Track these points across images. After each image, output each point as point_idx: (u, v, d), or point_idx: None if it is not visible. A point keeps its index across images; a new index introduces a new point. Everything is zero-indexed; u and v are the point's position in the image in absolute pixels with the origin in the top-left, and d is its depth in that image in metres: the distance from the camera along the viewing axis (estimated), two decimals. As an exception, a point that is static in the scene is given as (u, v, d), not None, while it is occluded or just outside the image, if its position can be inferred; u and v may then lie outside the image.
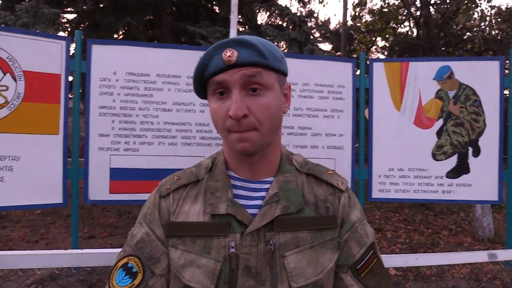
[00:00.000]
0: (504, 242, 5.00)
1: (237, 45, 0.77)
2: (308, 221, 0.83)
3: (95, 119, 2.96)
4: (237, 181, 0.87)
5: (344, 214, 0.88)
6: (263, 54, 0.78)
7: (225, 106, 0.78)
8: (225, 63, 0.76)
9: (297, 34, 5.49)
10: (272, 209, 0.81)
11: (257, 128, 0.77)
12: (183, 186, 0.88)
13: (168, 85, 3.12)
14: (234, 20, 2.91)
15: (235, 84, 0.77)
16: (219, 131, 0.82)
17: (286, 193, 0.84)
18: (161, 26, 6.65)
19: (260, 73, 0.78)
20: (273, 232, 0.80)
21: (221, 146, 3.24)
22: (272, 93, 0.80)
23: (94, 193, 2.95)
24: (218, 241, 0.80)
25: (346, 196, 0.89)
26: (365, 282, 0.85)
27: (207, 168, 0.90)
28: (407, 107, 3.55)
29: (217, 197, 0.83)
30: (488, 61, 3.52)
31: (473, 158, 3.49)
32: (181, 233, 0.83)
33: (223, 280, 0.78)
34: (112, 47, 3.01)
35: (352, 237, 0.87)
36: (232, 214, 0.81)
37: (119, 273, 0.83)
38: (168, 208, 0.86)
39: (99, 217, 5.53)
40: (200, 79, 0.82)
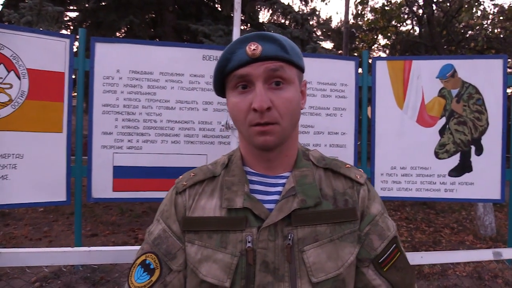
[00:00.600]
0: (506, 241, 5.00)
1: (261, 39, 0.78)
2: (327, 215, 0.82)
3: (98, 117, 2.96)
4: (253, 176, 0.87)
5: (364, 207, 0.87)
6: (286, 49, 0.79)
7: (247, 99, 0.78)
8: (249, 57, 0.77)
9: (300, 32, 5.49)
10: (289, 203, 0.81)
11: (278, 121, 0.78)
12: (199, 182, 0.88)
13: (171, 83, 3.12)
14: (237, 18, 2.91)
15: (258, 77, 0.77)
16: (239, 125, 0.82)
17: (303, 187, 0.83)
18: (164, 24, 6.65)
19: (283, 68, 0.79)
20: (291, 227, 0.80)
21: (223, 144, 3.25)
22: (293, 88, 0.81)
23: (97, 191, 2.96)
24: (235, 236, 0.80)
25: (365, 189, 0.89)
26: (388, 277, 0.84)
27: (224, 164, 0.90)
28: (410, 105, 3.54)
29: (234, 192, 0.83)
30: (491, 60, 3.51)
31: (476, 157, 3.48)
32: (197, 228, 0.83)
33: (240, 275, 0.78)
34: (116, 45, 3.02)
35: (373, 230, 0.85)
36: (248, 208, 0.81)
37: (138, 270, 0.84)
38: (184, 204, 0.86)
39: (101, 215, 5.54)
40: (221, 73, 0.82)
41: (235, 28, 2.93)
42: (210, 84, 3.20)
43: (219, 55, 3.38)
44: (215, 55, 3.24)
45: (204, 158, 3.18)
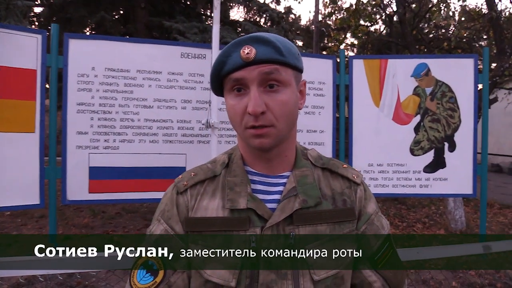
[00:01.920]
0: (475, 234, 5.20)
1: (255, 42, 0.78)
2: (327, 214, 0.85)
3: (73, 116, 2.85)
4: (254, 176, 0.88)
5: (360, 206, 0.90)
6: (280, 51, 0.79)
7: (243, 102, 0.78)
8: (243, 60, 0.77)
9: (276, 31, 5.49)
10: (290, 203, 0.82)
11: (274, 124, 0.78)
12: (200, 182, 0.88)
13: (149, 81, 3.04)
14: (217, 16, 2.87)
15: (253, 81, 0.77)
16: (235, 127, 0.83)
17: (303, 187, 0.85)
18: (135, 21, 6.50)
19: (278, 70, 0.78)
20: (292, 226, 0.82)
21: (203, 143, 3.21)
22: (289, 90, 0.81)
23: (72, 193, 2.85)
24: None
25: (362, 189, 0.91)
26: (382, 273, 0.88)
27: (224, 163, 0.90)
28: (386, 103, 3.61)
29: (237, 192, 0.84)
30: (463, 59, 3.63)
31: (449, 153, 3.59)
32: (200, 228, 0.83)
33: (245, 275, 0.79)
34: (90, 41, 2.92)
35: (369, 229, 0.89)
36: (252, 208, 0.82)
37: (140, 271, 0.83)
38: (186, 204, 0.86)
39: (72, 217, 5.37)
40: (217, 76, 0.82)
41: (215, 25, 2.89)
42: (188, 82, 3.15)
43: (197, 53, 3.33)
44: (193, 52, 3.18)
45: (183, 158, 3.12)
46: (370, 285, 0.87)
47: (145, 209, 6.17)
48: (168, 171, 3.07)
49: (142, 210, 6.14)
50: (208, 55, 3.17)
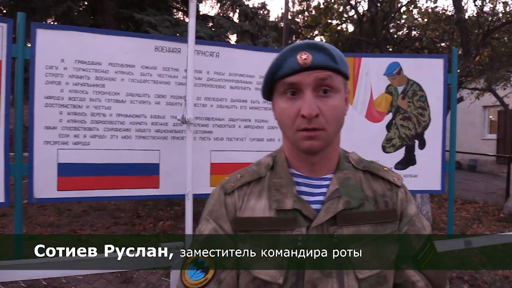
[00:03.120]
0: (441, 229, 5.40)
1: (311, 48, 0.84)
2: (370, 215, 0.89)
3: (40, 110, 2.72)
4: (299, 178, 0.92)
5: (402, 208, 0.95)
6: (334, 59, 0.84)
7: (296, 106, 0.84)
8: (300, 65, 0.82)
9: (250, 27, 5.46)
10: (334, 204, 0.87)
11: (325, 128, 0.84)
12: (246, 183, 0.93)
13: (121, 74, 2.94)
14: (193, 9, 2.81)
15: (308, 85, 0.83)
16: (286, 130, 0.88)
17: (346, 189, 0.90)
18: (104, 12, 6.29)
19: (331, 77, 0.84)
20: (336, 226, 0.86)
21: (177, 139, 3.14)
22: (339, 96, 0.87)
23: (40, 191, 2.72)
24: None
25: (403, 192, 0.97)
26: (425, 273, 0.91)
27: (268, 165, 0.95)
28: (360, 101, 3.66)
29: (283, 193, 0.88)
30: (433, 59, 3.73)
31: (419, 150, 3.69)
32: (248, 228, 0.88)
33: (291, 273, 0.83)
34: (60, 32, 2.78)
35: (411, 230, 0.93)
36: (298, 209, 0.86)
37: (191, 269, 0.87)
38: (234, 205, 0.90)
39: (36, 216, 5.15)
40: (272, 79, 0.86)
41: (191, 19, 2.83)
42: (162, 76, 3.07)
43: (172, 47, 3.27)
44: (167, 46, 3.10)
45: (157, 154, 3.05)
46: (414, 284, 0.90)
47: (113, 207, 6.01)
48: (141, 168, 2.99)
49: (110, 207, 5.97)
50: (183, 49, 3.10)
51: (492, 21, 6.56)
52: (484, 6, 6.73)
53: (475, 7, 6.37)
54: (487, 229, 5.43)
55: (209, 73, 3.20)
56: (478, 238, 1.36)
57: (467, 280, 3.32)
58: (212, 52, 3.22)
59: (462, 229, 5.30)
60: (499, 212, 6.69)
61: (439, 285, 0.93)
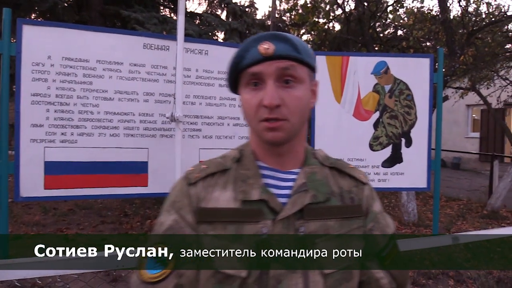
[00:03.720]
0: (426, 225, 5.48)
1: (274, 39, 0.83)
2: (336, 210, 0.88)
3: (26, 107, 2.68)
4: (266, 171, 0.91)
5: (368, 205, 0.94)
6: (297, 49, 0.83)
7: (258, 96, 0.82)
8: (262, 55, 0.81)
9: (238, 25, 5.45)
10: (301, 197, 0.85)
11: (288, 118, 0.82)
12: (211, 174, 0.90)
13: (109, 72, 2.92)
14: (182, 6, 2.80)
15: (270, 75, 0.81)
16: (250, 121, 0.87)
17: (313, 183, 0.89)
18: (89, 8, 6.21)
19: (294, 67, 0.83)
20: (302, 220, 0.84)
21: (166, 137, 3.13)
22: (303, 87, 0.85)
23: (26, 190, 2.68)
24: (250, 227, 0.82)
25: (368, 188, 0.96)
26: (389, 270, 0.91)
27: (235, 158, 0.93)
28: (347, 100, 3.69)
29: (249, 184, 0.86)
30: (420, 58, 3.79)
31: (406, 149, 3.74)
32: (212, 219, 0.84)
33: (255, 266, 0.80)
34: (47, 28, 2.74)
35: (376, 226, 0.93)
36: (264, 201, 0.84)
37: (149, 261, 0.82)
38: (198, 195, 0.87)
39: (21, 215, 5.07)
40: (235, 70, 0.86)
41: (180, 16, 2.83)
42: (151, 74, 3.05)
43: (160, 44, 3.25)
44: (156, 43, 3.08)
45: (145, 152, 3.04)
46: (378, 281, 0.90)
47: (100, 205, 5.95)
48: (129, 166, 2.98)
49: (97, 206, 5.91)
50: (172, 47, 3.09)
51: (476, 22, 6.68)
52: (468, 7, 6.85)
53: (460, 7, 6.48)
54: (471, 226, 5.54)
55: (198, 71, 3.19)
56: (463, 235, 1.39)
57: (452, 275, 3.39)
58: (201, 50, 3.22)
59: (446, 225, 5.40)
60: (482, 209, 6.82)
61: (402, 283, 0.93)
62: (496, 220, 6.12)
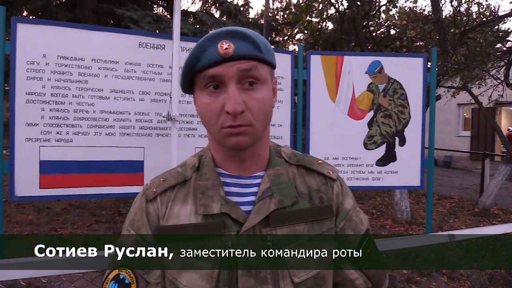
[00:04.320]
0: (419, 223, 5.53)
1: (233, 37, 0.75)
2: (304, 213, 0.82)
3: (21, 106, 2.66)
4: (227, 178, 0.85)
5: (338, 203, 0.88)
6: (259, 47, 0.76)
7: (219, 101, 0.75)
8: (221, 56, 0.73)
9: (233, 24, 5.44)
10: (266, 204, 0.80)
11: (252, 123, 0.76)
12: (170, 187, 0.85)
13: (105, 71, 2.91)
14: (178, 5, 2.80)
15: (231, 78, 0.74)
16: (209, 127, 0.79)
17: (278, 187, 0.83)
18: (83, 7, 6.16)
19: (256, 67, 0.76)
20: (269, 228, 0.80)
21: (162, 136, 3.13)
22: (266, 87, 0.79)
23: (21, 189, 2.67)
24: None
25: (338, 185, 0.90)
26: (364, 270, 0.87)
27: (194, 167, 0.87)
28: (342, 99, 3.72)
29: (209, 197, 0.81)
30: (413, 58, 3.83)
31: (400, 147, 3.78)
32: (173, 237, 0.80)
33: (223, 282, 0.76)
34: (41, 27, 2.72)
35: (348, 225, 0.88)
36: (226, 213, 0.79)
37: (111, 286, 0.79)
38: (157, 212, 0.82)
39: (14, 214, 5.03)
40: (190, 72, 0.77)
41: (176, 15, 2.82)
42: (147, 73, 3.05)
43: (156, 43, 3.24)
44: (152, 42, 3.08)
45: (141, 151, 3.03)
46: (352, 282, 0.87)
47: (94, 205, 5.92)
48: (125, 165, 2.97)
49: (90, 205, 5.88)
50: (167, 46, 3.09)
51: (467, 21, 6.76)
52: (460, 7, 6.92)
53: (452, 7, 6.54)
54: (463, 224, 5.60)
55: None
56: (459, 232, 1.42)
57: (446, 273, 3.44)
58: (196, 49, 3.21)
59: (439, 223, 5.46)
60: (474, 207, 6.90)
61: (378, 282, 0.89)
62: (487, 218, 6.20)
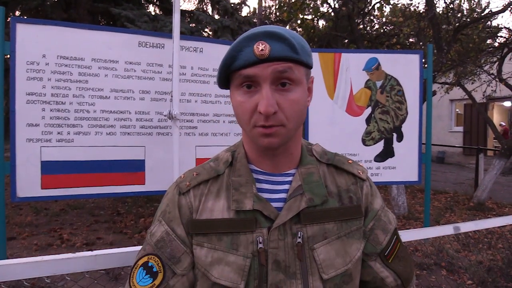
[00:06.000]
0: (416, 218, 5.59)
1: (269, 37, 0.75)
2: (334, 212, 0.84)
3: (22, 107, 2.66)
4: (259, 175, 0.86)
5: (367, 203, 0.90)
6: (295, 49, 0.76)
7: (253, 100, 0.76)
8: (256, 57, 0.74)
9: (230, 22, 5.45)
10: (297, 202, 0.82)
11: (284, 124, 0.77)
12: (203, 182, 0.87)
13: (105, 70, 2.91)
14: (177, 5, 2.80)
15: (266, 79, 0.75)
16: (242, 124, 0.81)
17: (310, 185, 0.84)
18: (78, 6, 6.13)
19: (291, 69, 0.76)
20: (299, 225, 0.81)
21: (162, 135, 3.14)
22: (300, 89, 0.79)
23: (23, 190, 2.66)
24: (246, 237, 0.80)
25: (367, 185, 0.91)
26: (393, 267, 0.89)
27: (227, 162, 0.88)
28: (340, 95, 3.75)
29: (242, 193, 0.82)
30: (410, 55, 3.86)
31: (397, 143, 3.82)
32: (206, 230, 0.82)
33: (253, 276, 0.78)
34: (41, 27, 2.72)
35: (377, 225, 0.90)
36: (258, 209, 0.80)
37: (140, 272, 0.81)
38: (189, 206, 0.84)
39: (12, 216, 4.99)
40: (226, 71, 0.79)
41: (176, 14, 2.83)
42: (146, 72, 3.05)
43: (155, 42, 3.24)
44: (151, 41, 3.09)
45: (142, 150, 3.04)
46: (383, 280, 0.88)
47: (92, 205, 5.90)
48: (126, 164, 2.98)
49: (89, 206, 5.86)
50: (167, 45, 3.10)
51: (460, 18, 6.82)
52: (452, 3, 6.98)
53: (445, 4, 6.60)
54: (459, 218, 5.67)
55: (193, 68, 3.20)
56: (465, 224, 1.45)
57: (444, 266, 3.48)
58: (196, 48, 3.23)
59: (436, 218, 5.52)
60: (469, 201, 6.98)
61: (406, 279, 0.91)
62: (482, 211, 6.27)
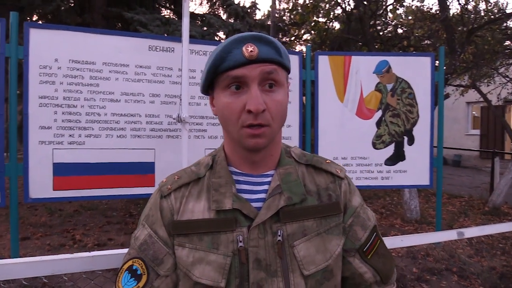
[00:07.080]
0: (429, 222, 5.51)
1: (257, 41, 0.80)
2: (313, 210, 0.86)
3: (35, 110, 2.72)
4: (239, 176, 0.89)
5: (346, 200, 0.92)
6: (280, 52, 0.81)
7: (240, 100, 0.79)
8: (246, 58, 0.77)
9: (241, 25, 5.48)
10: (276, 201, 0.84)
11: (270, 124, 0.80)
12: (184, 185, 0.89)
13: (116, 74, 2.96)
14: (186, 8, 2.83)
15: (254, 79, 0.78)
16: (229, 126, 0.83)
17: (288, 185, 0.87)
18: (92, 10, 6.23)
19: (277, 70, 0.81)
20: (279, 223, 0.83)
21: (172, 138, 3.17)
22: (283, 90, 0.84)
23: (35, 191, 2.72)
24: (226, 236, 0.82)
25: (346, 183, 0.94)
26: (372, 264, 0.91)
27: (208, 165, 0.91)
28: (350, 99, 3.73)
29: (222, 193, 0.85)
30: (421, 57, 3.83)
31: (408, 147, 3.78)
32: (187, 231, 0.84)
33: (234, 275, 0.80)
34: (53, 31, 2.78)
35: (356, 221, 0.92)
36: (238, 208, 0.83)
37: (125, 276, 0.85)
38: (171, 208, 0.87)
39: (28, 216, 5.10)
40: (214, 72, 0.81)
41: (185, 18, 2.86)
42: (156, 75, 3.09)
43: (165, 46, 3.27)
44: (161, 45, 3.13)
45: (151, 153, 3.07)
46: (361, 276, 0.90)
47: (105, 206, 5.98)
48: (136, 166, 3.02)
49: (101, 207, 5.95)
50: (177, 49, 3.13)
51: (475, 19, 6.72)
52: (467, 4, 6.88)
53: (459, 5, 6.51)
54: (473, 223, 5.56)
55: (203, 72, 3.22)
56: (469, 230, 1.43)
57: (456, 271, 3.43)
58: (205, 51, 3.26)
59: (449, 222, 5.43)
60: (484, 206, 6.85)
61: (386, 275, 0.93)
62: (497, 216, 6.14)
